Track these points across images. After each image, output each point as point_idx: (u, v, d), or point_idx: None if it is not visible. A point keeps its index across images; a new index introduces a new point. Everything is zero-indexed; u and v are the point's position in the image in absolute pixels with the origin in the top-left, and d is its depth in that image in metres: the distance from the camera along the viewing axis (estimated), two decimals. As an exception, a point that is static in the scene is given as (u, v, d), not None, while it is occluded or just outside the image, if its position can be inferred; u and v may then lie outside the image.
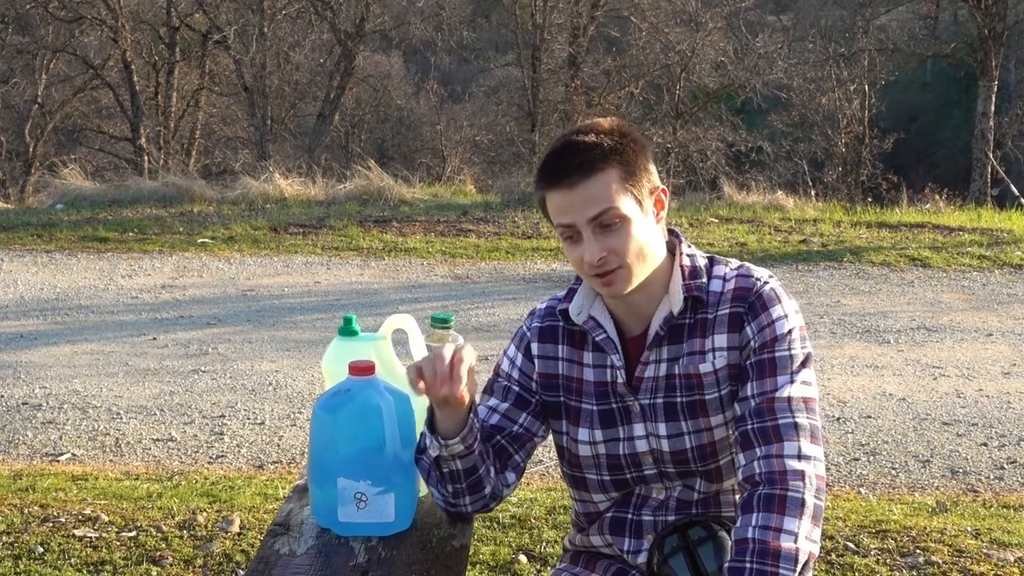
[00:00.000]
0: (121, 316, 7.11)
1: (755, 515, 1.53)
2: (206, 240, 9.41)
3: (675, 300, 1.69)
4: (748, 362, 1.65)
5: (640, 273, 1.67)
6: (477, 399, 1.72)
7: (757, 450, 1.59)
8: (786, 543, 1.50)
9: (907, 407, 5.33)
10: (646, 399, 1.71)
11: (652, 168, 1.70)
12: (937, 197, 12.69)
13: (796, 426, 1.60)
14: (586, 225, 1.63)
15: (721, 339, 1.67)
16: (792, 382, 1.63)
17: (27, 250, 9.00)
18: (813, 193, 14.99)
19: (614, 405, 1.74)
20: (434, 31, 21.48)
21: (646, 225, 1.67)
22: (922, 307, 7.51)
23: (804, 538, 1.51)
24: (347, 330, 1.88)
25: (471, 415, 1.66)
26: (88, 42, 20.46)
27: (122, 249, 9.06)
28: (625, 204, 1.64)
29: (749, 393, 1.64)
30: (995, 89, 16.51)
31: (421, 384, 1.59)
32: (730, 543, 1.58)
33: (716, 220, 10.53)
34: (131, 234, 9.58)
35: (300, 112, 22.50)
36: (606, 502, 1.80)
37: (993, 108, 16.50)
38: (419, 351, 1.92)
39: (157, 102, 20.31)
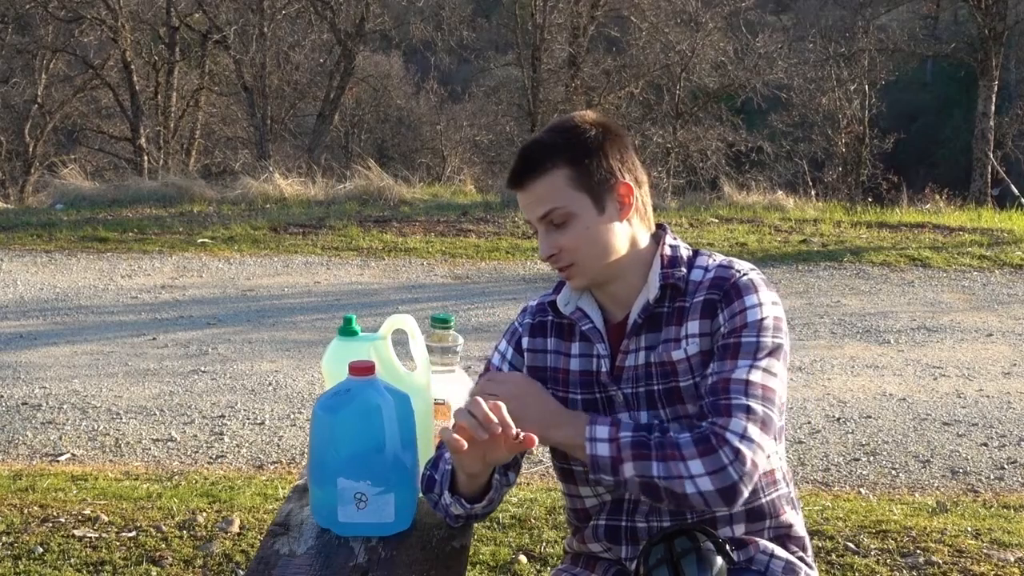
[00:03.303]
0: (121, 316, 7.11)
1: (682, 436, 1.60)
2: (206, 240, 9.40)
3: (652, 288, 1.71)
4: (716, 345, 1.66)
5: (596, 267, 1.70)
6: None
7: (704, 423, 1.62)
8: (682, 471, 1.57)
9: (907, 407, 5.33)
10: (628, 388, 1.72)
11: (614, 163, 1.70)
12: (937, 197, 12.69)
13: (748, 408, 1.60)
14: (538, 223, 1.70)
15: (695, 326, 1.68)
16: (753, 367, 1.63)
17: (27, 250, 8.99)
18: (813, 193, 14.99)
19: (598, 395, 1.75)
20: (434, 31, 21.47)
21: (601, 222, 1.69)
22: (922, 307, 7.51)
23: (696, 488, 1.57)
24: (347, 330, 1.88)
25: (495, 475, 1.68)
26: (88, 42, 20.43)
27: (122, 249, 9.05)
28: (574, 202, 1.67)
29: (710, 371, 1.65)
30: (995, 89, 16.51)
31: (463, 443, 1.55)
32: (715, 557, 1.60)
33: (716, 220, 10.53)
34: (131, 234, 9.57)
35: (300, 112, 22.49)
36: (593, 498, 1.80)
37: (993, 108, 16.50)
38: (419, 351, 1.92)
39: (157, 102, 20.30)
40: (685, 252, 1.75)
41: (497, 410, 1.55)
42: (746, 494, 1.59)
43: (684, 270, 1.72)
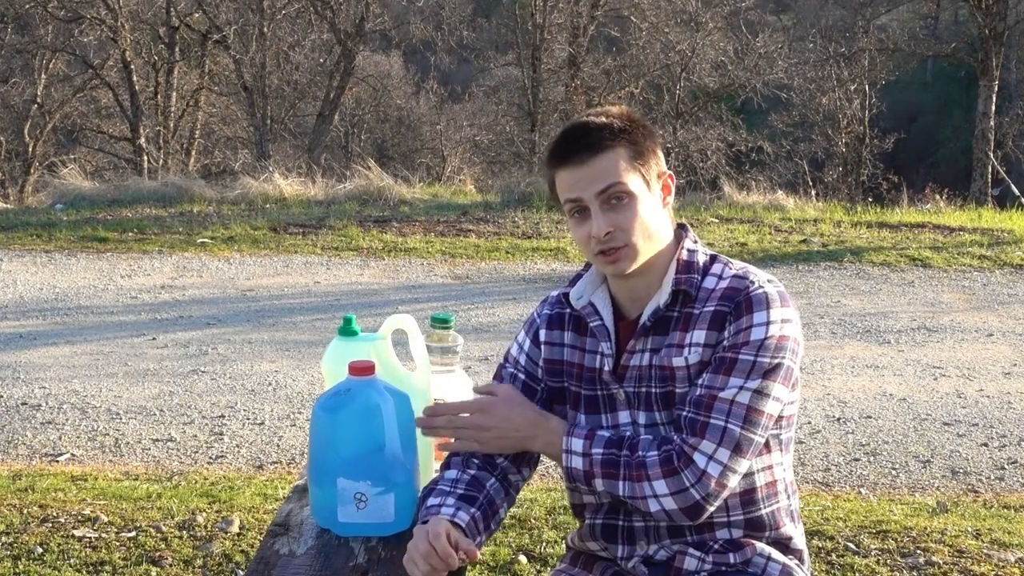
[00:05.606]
0: (120, 316, 7.10)
1: (649, 455, 1.64)
2: (206, 240, 9.40)
3: (664, 292, 1.72)
4: (714, 356, 1.67)
5: (645, 252, 1.70)
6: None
7: (676, 437, 1.65)
8: (646, 491, 1.62)
9: (907, 407, 5.33)
10: (631, 387, 1.73)
11: (660, 154, 1.74)
12: (937, 197, 12.69)
13: (724, 431, 1.62)
14: (594, 200, 1.67)
15: (700, 335, 1.68)
16: (743, 388, 1.63)
17: (26, 250, 8.99)
18: (813, 193, 15.00)
19: (599, 392, 1.76)
20: (434, 31, 21.48)
21: (652, 206, 1.70)
22: (922, 307, 7.50)
23: (660, 507, 1.63)
24: (347, 330, 1.88)
25: (480, 536, 1.69)
26: (87, 42, 20.42)
27: (122, 249, 9.05)
28: (632, 181, 1.68)
29: (700, 382, 1.66)
30: (996, 89, 16.50)
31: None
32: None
33: (716, 220, 10.53)
34: (131, 234, 9.57)
35: (300, 112, 22.49)
36: (590, 495, 1.80)
37: (994, 108, 16.49)
38: (419, 351, 1.91)
39: (157, 102, 20.29)
40: (702, 258, 1.74)
41: (436, 554, 1.56)
42: (711, 510, 1.63)
43: (698, 277, 1.71)
